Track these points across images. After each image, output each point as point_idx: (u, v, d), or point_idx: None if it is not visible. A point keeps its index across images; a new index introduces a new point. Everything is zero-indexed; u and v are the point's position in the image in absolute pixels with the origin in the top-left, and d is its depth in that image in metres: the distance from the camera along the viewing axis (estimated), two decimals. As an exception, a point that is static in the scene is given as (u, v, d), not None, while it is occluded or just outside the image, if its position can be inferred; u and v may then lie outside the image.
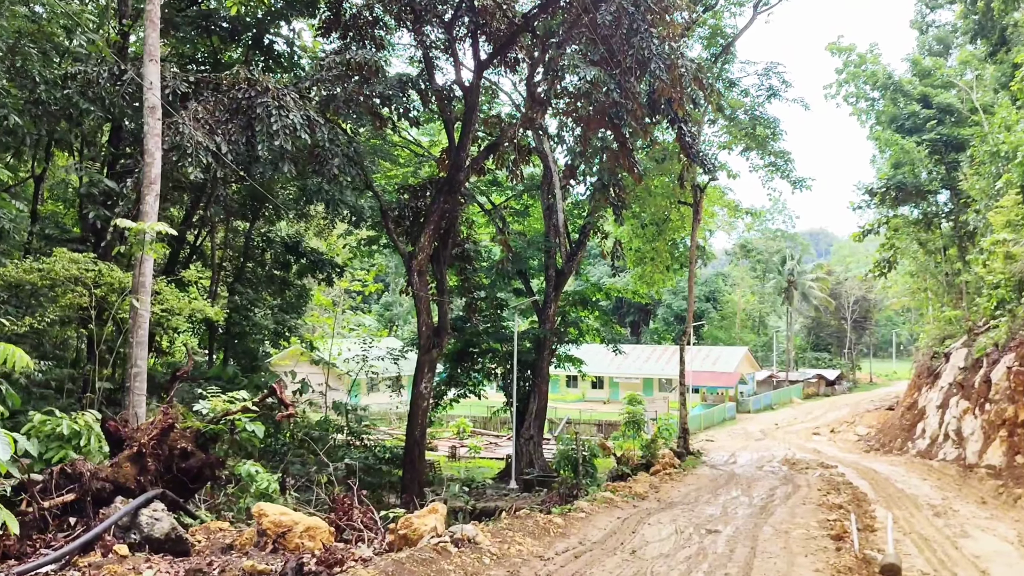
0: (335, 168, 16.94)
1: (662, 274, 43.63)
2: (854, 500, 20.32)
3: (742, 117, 36.57)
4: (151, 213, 12.27)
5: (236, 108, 15.28)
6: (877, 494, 22.54)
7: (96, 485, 8.76)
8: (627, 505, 18.28)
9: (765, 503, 19.75)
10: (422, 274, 20.50)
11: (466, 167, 20.68)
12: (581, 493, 20.53)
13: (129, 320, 12.06)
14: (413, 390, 20.76)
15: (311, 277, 31.42)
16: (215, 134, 14.77)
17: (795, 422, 59.61)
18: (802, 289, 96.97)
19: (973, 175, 41.45)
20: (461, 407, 52.60)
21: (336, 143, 17.09)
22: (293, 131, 15.05)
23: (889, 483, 25.46)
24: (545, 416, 37.35)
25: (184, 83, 15.61)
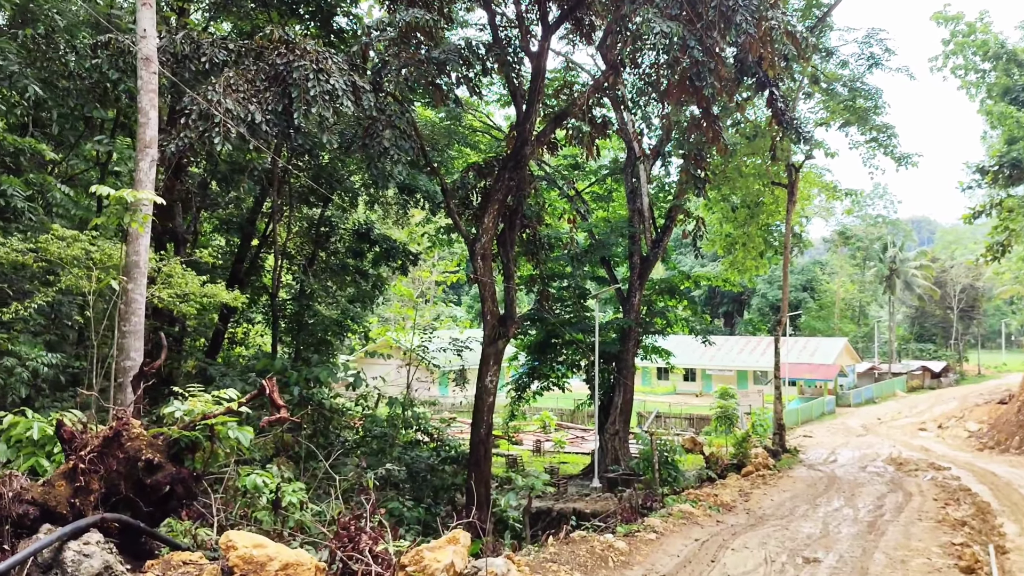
0: (385, 141, 15.59)
1: (755, 261, 41.19)
2: (978, 514, 17.90)
3: (840, 91, 33.92)
4: (145, 181, 11.07)
5: (275, 76, 14.08)
6: (1001, 503, 20.06)
7: (18, 509, 7.12)
8: (709, 520, 16.29)
9: (873, 518, 17.43)
10: (486, 258, 19.05)
11: (532, 140, 19.08)
12: (657, 504, 18.66)
13: (120, 305, 10.81)
14: (478, 384, 19.34)
15: (386, 266, 30.38)
16: (249, 103, 13.57)
17: (899, 416, 56.28)
18: (905, 277, 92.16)
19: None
20: (546, 400, 51.28)
21: (387, 113, 15.76)
22: (334, 97, 13.73)
23: (1012, 489, 22.87)
24: (631, 410, 35.54)
25: (222, 51, 14.49)
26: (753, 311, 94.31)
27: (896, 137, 33.27)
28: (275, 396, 8.30)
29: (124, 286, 10.56)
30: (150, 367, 9.14)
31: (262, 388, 8.35)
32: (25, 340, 15.57)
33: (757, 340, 79.11)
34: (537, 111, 19.30)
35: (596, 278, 37.75)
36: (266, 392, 8.31)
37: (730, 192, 37.53)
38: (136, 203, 10.27)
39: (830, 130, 36.74)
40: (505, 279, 20.05)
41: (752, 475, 25.97)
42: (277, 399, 8.32)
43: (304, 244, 28.79)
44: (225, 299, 15.69)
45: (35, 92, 15.62)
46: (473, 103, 37.06)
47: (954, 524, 16.26)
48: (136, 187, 10.67)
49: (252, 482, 9.65)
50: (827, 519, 17.25)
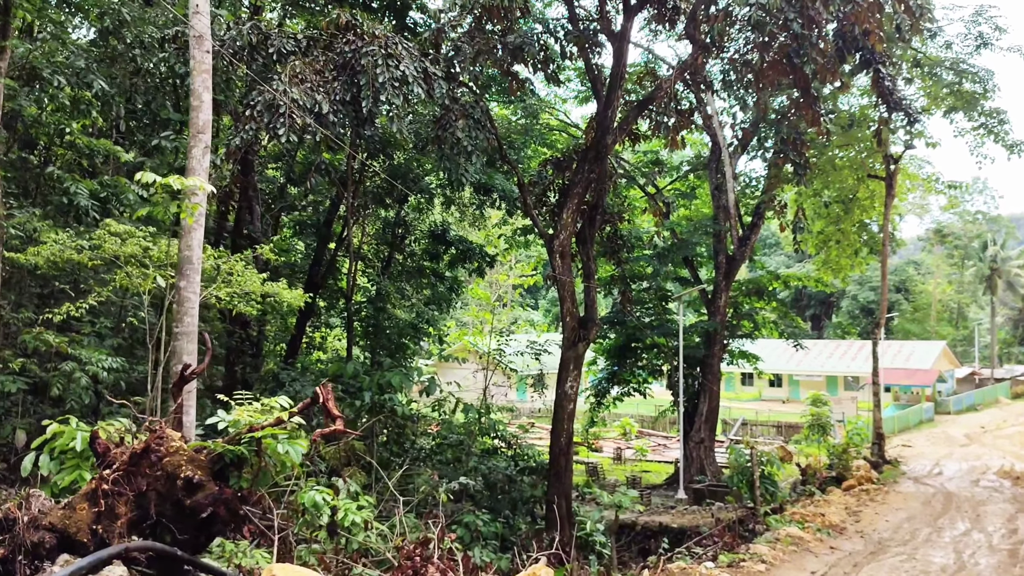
0: (459, 132, 14.57)
1: (849, 259, 38.98)
2: None
3: (944, 75, 31.62)
4: (198, 169, 10.16)
5: (343, 64, 13.19)
6: None
7: (33, 536, 6.12)
8: (821, 547, 14.65)
9: (1012, 545, 15.41)
10: (565, 256, 17.82)
11: (613, 129, 17.80)
12: (759, 525, 17.08)
13: (174, 305, 9.92)
14: (557, 390, 18.12)
15: (462, 268, 29.51)
16: (316, 92, 12.69)
17: (1004, 425, 53.00)
18: (1007, 277, 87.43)
19: None
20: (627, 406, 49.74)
21: (460, 103, 14.75)
22: (404, 84, 12.75)
23: None
24: (717, 417, 33.89)
25: (290, 41, 13.67)
26: (843, 313, 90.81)
27: (1007, 123, 30.85)
28: (330, 405, 7.24)
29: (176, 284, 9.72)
30: (192, 372, 8.19)
31: (315, 396, 7.31)
32: (91, 343, 15.08)
33: (847, 344, 75.89)
34: (619, 98, 18.03)
35: (679, 279, 36.19)
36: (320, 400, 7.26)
37: (822, 187, 35.51)
38: (187, 192, 9.43)
39: (931, 118, 34.45)
40: (585, 278, 18.81)
41: (855, 489, 24.12)
42: (332, 408, 7.26)
43: (380, 246, 28.11)
44: (287, 298, 14.88)
45: (101, 87, 15.14)
46: (549, 101, 36.00)
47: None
48: (189, 175, 9.78)
49: (311, 499, 8.66)
50: (957, 546, 15.41)
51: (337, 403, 15.74)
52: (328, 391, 7.29)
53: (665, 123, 19.27)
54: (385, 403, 14.80)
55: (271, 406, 7.27)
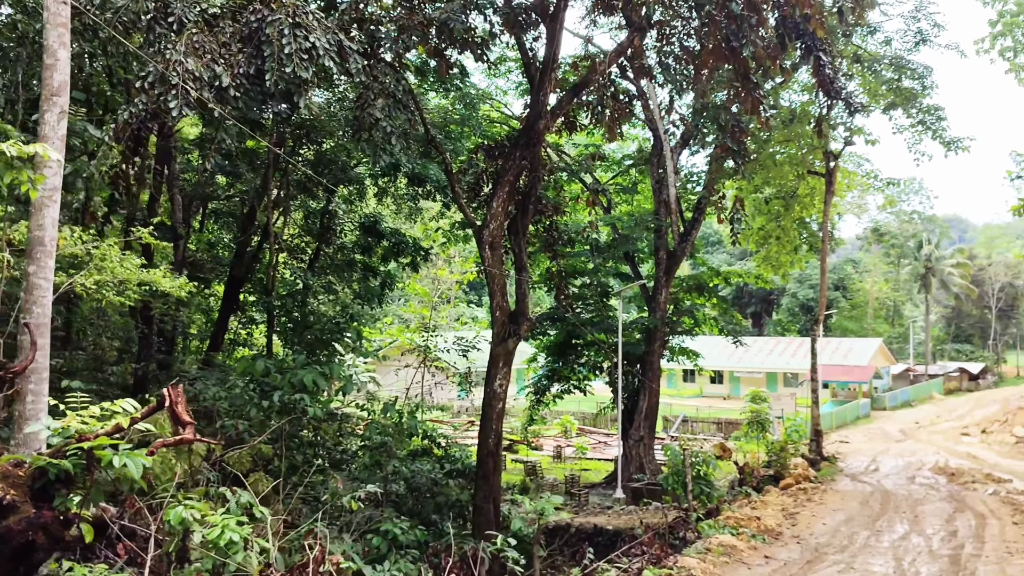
0: (377, 112, 13.59)
1: (790, 256, 38.87)
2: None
3: (884, 71, 31.50)
4: (53, 137, 8.93)
5: (249, 35, 12.13)
6: (1087, 524, 17.70)
7: None
8: (755, 555, 13.94)
9: (953, 551, 14.88)
10: (495, 247, 16.96)
11: (546, 113, 16.99)
12: (691, 532, 16.38)
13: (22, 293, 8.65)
14: (486, 388, 17.27)
15: (396, 262, 28.47)
16: (216, 64, 11.60)
17: (938, 421, 53.78)
18: (941, 276, 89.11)
19: None
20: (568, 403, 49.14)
21: (380, 80, 13.77)
22: (313, 57, 11.74)
23: (1090, 505, 20.45)
24: (657, 414, 33.39)
25: (194, 9, 12.51)
26: (783, 311, 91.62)
27: (945, 120, 30.85)
28: (179, 409, 6.24)
29: (25, 269, 8.47)
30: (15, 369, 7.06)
31: (161, 399, 6.28)
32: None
33: (787, 341, 76.51)
34: (552, 82, 17.23)
35: (620, 275, 35.60)
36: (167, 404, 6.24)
37: (763, 183, 35.25)
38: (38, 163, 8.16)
39: (871, 115, 34.46)
40: (517, 271, 17.97)
41: (793, 488, 23.73)
42: (182, 413, 6.27)
43: (308, 238, 26.96)
44: (166, 287, 13.74)
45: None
46: (490, 93, 35.10)
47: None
48: (41, 142, 8.42)
49: (177, 516, 7.56)
50: (897, 552, 14.86)
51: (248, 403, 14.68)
52: (178, 393, 6.30)
53: (602, 112, 18.48)
54: (296, 403, 13.76)
55: (113, 411, 6.19)
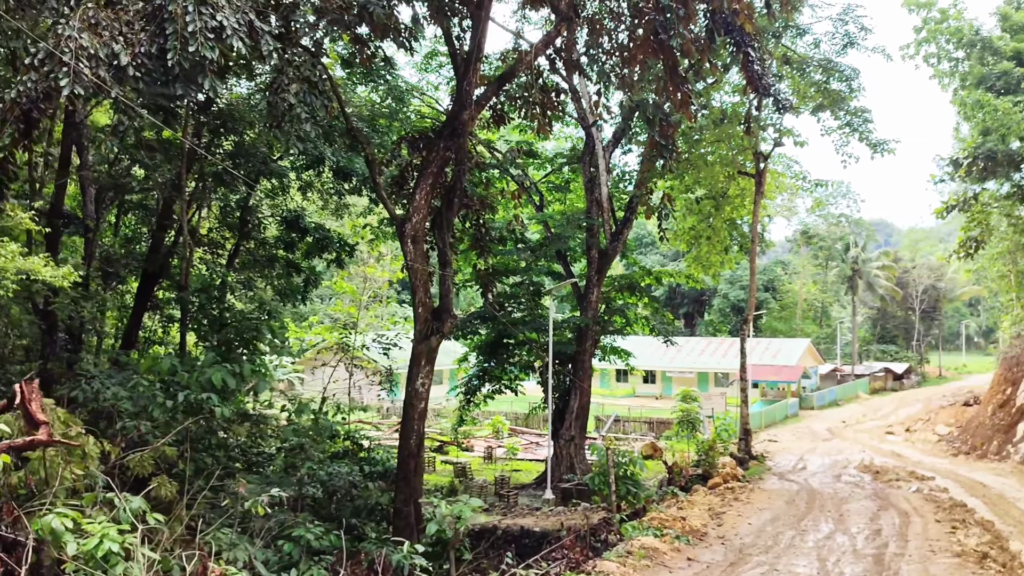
0: (291, 97, 12.93)
1: (720, 256, 39.05)
2: (994, 541, 15.49)
3: (816, 78, 31.81)
4: None
5: (153, 12, 11.38)
6: (1004, 522, 17.88)
7: None
8: (678, 558, 13.59)
9: (877, 549, 14.80)
10: (418, 242, 16.40)
11: (471, 104, 16.50)
12: (613, 535, 16.04)
13: None
14: (407, 388, 16.69)
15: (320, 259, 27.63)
16: (115, 42, 10.84)
17: (864, 419, 54.83)
18: (867, 278, 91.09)
19: (1078, 139, 36.30)
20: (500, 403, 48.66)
21: (294, 64, 13.11)
22: (221, 37, 11.06)
23: (1008, 503, 20.76)
24: (587, 414, 33.13)
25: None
26: (714, 312, 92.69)
27: (871, 122, 31.28)
28: (34, 408, 5.59)
29: None
30: None
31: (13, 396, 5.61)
32: None
33: (719, 341, 77.35)
34: (478, 71, 16.75)
35: (552, 274, 35.26)
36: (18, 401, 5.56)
37: (694, 182, 35.33)
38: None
39: (800, 117, 34.79)
40: (441, 266, 17.42)
41: (721, 487, 23.64)
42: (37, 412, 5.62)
43: (227, 233, 25.97)
44: (46, 276, 12.87)
45: None
46: (421, 88, 34.45)
47: (976, 557, 13.80)
48: None
49: (46, 525, 6.83)
50: (821, 551, 14.69)
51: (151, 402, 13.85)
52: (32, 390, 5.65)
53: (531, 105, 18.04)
54: (204, 403, 13.01)
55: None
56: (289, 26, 13.67)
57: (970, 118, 43.51)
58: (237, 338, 20.14)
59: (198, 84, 11.52)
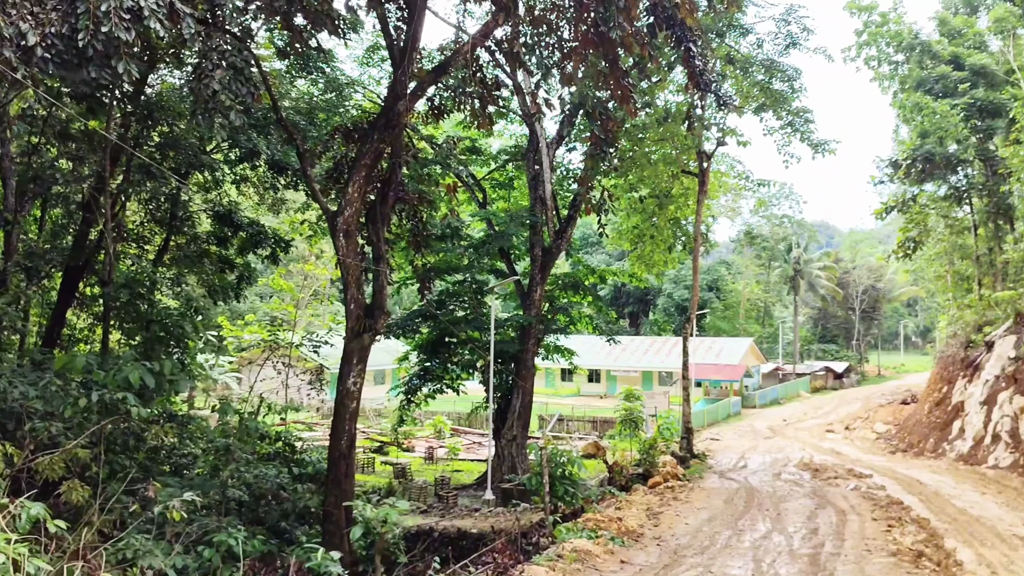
0: (215, 84, 12.32)
1: (663, 255, 39.07)
2: (929, 539, 15.49)
3: (759, 78, 31.92)
4: None
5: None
6: (941, 520, 17.93)
7: None
8: (611, 561, 13.25)
9: (813, 549, 14.63)
10: (350, 236, 15.84)
11: (407, 94, 16.01)
12: (545, 537, 15.71)
13: None
14: (338, 386, 16.13)
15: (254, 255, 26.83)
16: (23, 20, 10.16)
17: (805, 418, 55.44)
18: (809, 278, 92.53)
19: (1012, 142, 37.02)
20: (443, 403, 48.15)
21: (219, 50, 12.50)
22: (136, 18, 10.44)
23: (944, 500, 20.90)
24: (530, 414, 32.72)
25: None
26: (659, 311, 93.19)
27: (813, 123, 31.51)
28: None
29: None
30: None
31: None
32: None
33: (663, 340, 77.76)
34: (414, 60, 16.27)
35: (495, 271, 34.81)
36: None
37: (638, 180, 35.24)
38: None
39: (743, 116, 34.92)
40: (375, 261, 16.90)
41: (661, 487, 23.48)
42: None
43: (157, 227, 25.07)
44: None
45: None
46: (363, 82, 33.79)
47: (911, 556, 13.74)
48: None
49: None
50: (757, 552, 14.51)
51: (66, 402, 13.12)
52: None
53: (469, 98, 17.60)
54: (119, 404, 12.34)
55: None
56: (215, 11, 13.05)
57: (909, 121, 44.26)
58: (162, 336, 19.36)
59: (112, 68, 10.86)
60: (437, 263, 33.70)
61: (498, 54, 19.10)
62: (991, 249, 42.40)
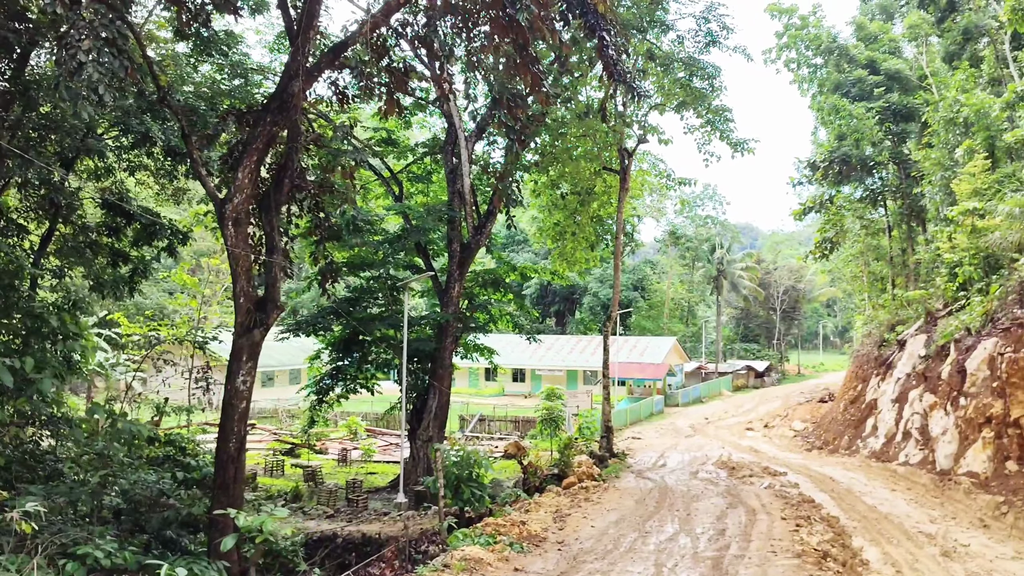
0: (82, 55, 11.20)
1: (585, 253, 38.60)
2: (836, 538, 15.14)
3: (680, 75, 31.63)
4: None
5: None
6: (850, 518, 17.70)
7: None
8: (504, 568, 12.50)
9: (718, 551, 14.13)
10: (240, 224, 14.79)
11: (303, 74, 15.02)
12: (435, 546, 14.91)
13: None
14: (226, 385, 15.06)
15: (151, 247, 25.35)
16: None
17: (726, 416, 55.79)
18: (731, 279, 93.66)
19: (924, 146, 37.64)
20: (362, 403, 47.02)
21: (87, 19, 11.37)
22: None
23: (854, 497, 20.76)
24: (447, 414, 31.84)
25: None
26: (584, 310, 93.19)
27: (732, 121, 31.37)
28: None
29: None
30: None
31: None
32: None
33: (588, 339, 77.68)
34: (312, 38, 15.30)
35: (412, 267, 33.81)
36: None
37: (558, 176, 34.71)
38: None
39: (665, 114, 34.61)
40: (268, 252, 15.85)
41: (575, 487, 22.89)
42: None
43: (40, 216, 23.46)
44: None
45: None
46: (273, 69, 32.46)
47: (815, 558, 13.31)
48: None
49: None
50: (660, 555, 13.92)
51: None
52: None
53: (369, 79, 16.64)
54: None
55: None
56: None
57: (827, 123, 44.80)
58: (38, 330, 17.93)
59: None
60: (351, 258, 32.60)
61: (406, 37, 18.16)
62: (904, 250, 43.13)
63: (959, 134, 34.56)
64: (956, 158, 33.82)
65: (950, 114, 34.62)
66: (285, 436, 41.33)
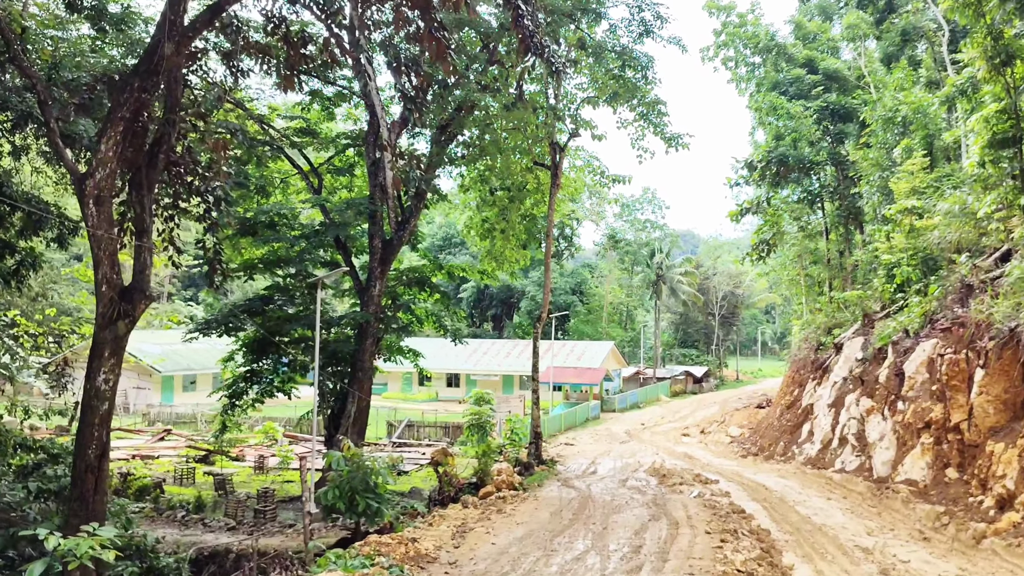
0: None
1: (516, 252, 37.19)
2: (764, 555, 13.81)
3: (612, 66, 30.44)
4: None
5: None
6: (782, 530, 16.49)
7: None
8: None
9: (629, 573, 12.66)
10: (102, 203, 13.04)
11: (177, 33, 13.32)
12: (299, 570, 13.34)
13: None
14: (85, 385, 13.27)
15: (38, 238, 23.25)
16: None
17: (662, 421, 54.88)
18: (671, 284, 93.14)
19: (862, 146, 37.14)
20: (284, 408, 44.96)
21: None
22: None
23: (788, 507, 19.61)
24: (367, 419, 30.18)
25: None
26: (522, 314, 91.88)
27: (667, 116, 30.25)
28: None
29: None
30: None
31: None
32: None
33: (525, 344, 76.17)
34: None
35: (331, 264, 32.05)
36: None
37: (486, 169, 33.28)
38: None
39: (598, 108, 33.45)
40: (137, 235, 14.11)
41: (492, 498, 21.41)
42: None
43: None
44: None
45: None
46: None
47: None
48: None
49: None
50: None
51: None
52: None
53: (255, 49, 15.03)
54: None
55: None
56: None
57: (765, 123, 44.16)
58: None
59: None
60: (265, 254, 30.82)
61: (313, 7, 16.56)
62: (842, 252, 42.66)
63: (897, 133, 34.08)
64: (894, 158, 33.31)
65: (888, 113, 34.13)
66: (200, 442, 39.12)
